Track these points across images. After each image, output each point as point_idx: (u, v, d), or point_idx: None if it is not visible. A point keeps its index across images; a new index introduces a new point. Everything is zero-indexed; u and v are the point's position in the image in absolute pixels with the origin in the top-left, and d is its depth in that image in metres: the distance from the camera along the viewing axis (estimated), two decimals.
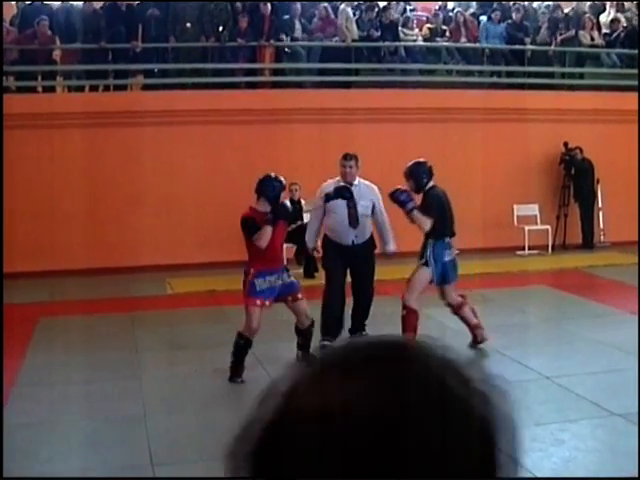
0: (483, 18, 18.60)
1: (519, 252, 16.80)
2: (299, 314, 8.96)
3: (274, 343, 10.02)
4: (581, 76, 18.79)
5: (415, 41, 17.80)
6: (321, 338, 10.01)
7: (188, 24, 16.33)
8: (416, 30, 17.91)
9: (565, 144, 17.23)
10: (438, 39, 18.11)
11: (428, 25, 18.39)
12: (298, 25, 17.04)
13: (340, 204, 9.85)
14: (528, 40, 18.15)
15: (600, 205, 17.69)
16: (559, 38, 18.35)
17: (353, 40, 16.98)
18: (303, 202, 14.50)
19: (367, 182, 10.31)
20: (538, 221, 17.22)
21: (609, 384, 8.25)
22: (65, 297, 13.31)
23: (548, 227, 17.16)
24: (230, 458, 1.15)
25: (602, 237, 17.76)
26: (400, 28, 17.65)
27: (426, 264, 9.33)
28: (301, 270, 13.67)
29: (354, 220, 9.95)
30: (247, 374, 8.84)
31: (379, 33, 17.34)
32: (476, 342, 9.66)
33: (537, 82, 17.90)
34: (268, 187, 8.71)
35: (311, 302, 9.37)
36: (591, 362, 9.10)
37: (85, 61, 16.39)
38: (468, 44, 18.09)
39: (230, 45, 16.50)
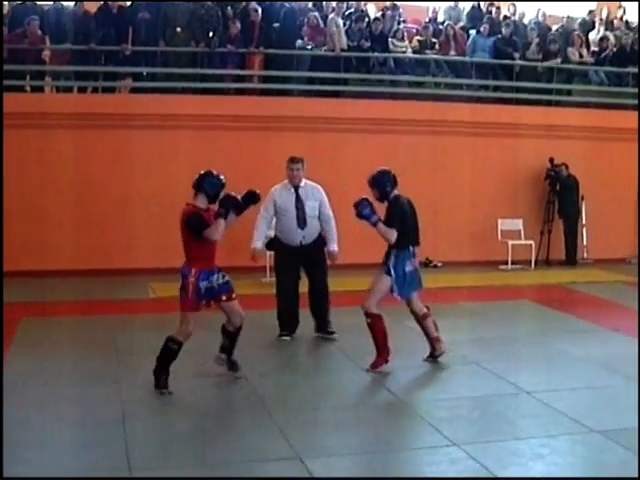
0: (473, 32, 18.66)
1: (502, 266, 16.83)
2: (232, 313, 8.67)
3: (256, 351, 10.03)
4: (569, 93, 18.85)
5: (405, 53, 17.81)
6: (279, 333, 10.59)
7: (178, 29, 16.31)
8: (406, 42, 17.92)
9: (551, 160, 17.29)
10: (427, 51, 18.14)
11: (418, 37, 18.41)
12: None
13: (289, 206, 10.46)
14: (517, 55, 18.20)
15: (584, 222, 17.75)
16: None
17: (342, 50, 17.00)
18: None
19: (313, 183, 10.77)
20: (522, 236, 17.26)
21: (589, 400, 8.27)
22: (48, 298, 13.25)
23: (532, 242, 17.20)
24: None
25: (585, 254, 17.82)
26: (390, 39, 17.67)
27: (388, 272, 9.29)
28: None
29: (302, 221, 10.49)
30: (227, 381, 8.82)
31: (369, 44, 17.36)
32: (434, 355, 9.64)
33: (525, 97, 17.94)
34: (209, 184, 8.60)
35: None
36: (572, 378, 9.10)
37: (74, 62, 16.34)
38: (457, 57, 18.13)
39: (220, 51, 16.49)
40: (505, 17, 19.34)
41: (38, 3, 16.81)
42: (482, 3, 19.92)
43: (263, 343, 10.54)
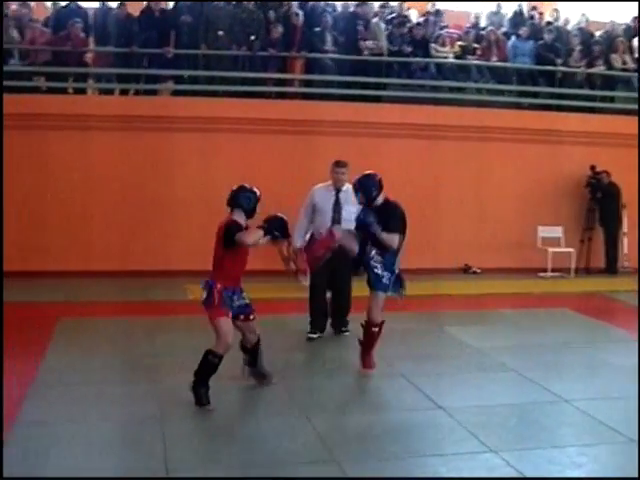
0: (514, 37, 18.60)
1: (541, 274, 16.73)
2: (248, 331, 8.58)
3: (293, 354, 10.05)
4: (611, 99, 18.70)
5: (446, 58, 17.77)
6: (309, 331, 10.82)
7: (220, 32, 16.36)
8: (447, 47, 17.88)
9: (592, 167, 17.17)
10: (469, 57, 18.07)
11: (459, 43, 18.34)
12: (329, 37, 17.00)
13: (327, 207, 10.73)
14: (559, 61, 18.10)
15: (625, 230, 17.60)
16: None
17: (383, 54, 16.99)
18: None
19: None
20: (562, 243, 17.15)
21: (628, 410, 8.17)
22: (86, 298, 13.33)
23: (572, 250, 17.08)
24: None
25: (626, 262, 17.67)
26: (431, 44, 17.64)
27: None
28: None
29: (336, 223, 10.59)
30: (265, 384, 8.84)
31: (410, 49, 17.33)
32: (363, 369, 9.38)
33: (567, 104, 17.83)
34: (244, 198, 8.48)
35: None
36: (611, 387, 9.03)
37: (117, 65, 16.45)
38: (499, 63, 18.04)
39: (261, 54, 16.53)
40: (548, 23, 19.23)
41: (82, 5, 16.94)
42: (525, 8, 19.81)
43: (297, 346, 10.56)
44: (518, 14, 19.63)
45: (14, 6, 16.61)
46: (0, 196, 13.92)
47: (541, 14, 19.64)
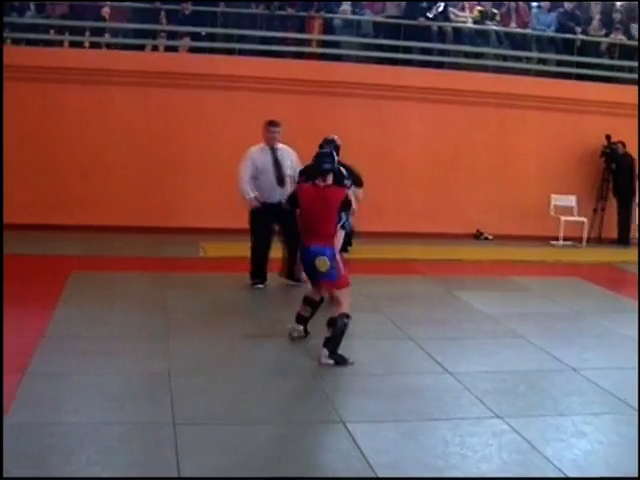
0: (534, 4, 18.45)
1: (553, 242, 16.72)
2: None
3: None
4: (630, 70, 18.56)
5: (465, 23, 17.67)
6: (253, 282, 11.40)
7: None
8: (467, 12, 17.77)
9: (607, 137, 17.09)
10: (488, 22, 17.95)
11: (479, 8, 18.21)
12: None
13: (268, 166, 11.32)
14: (579, 30, 17.98)
15: (638, 201, 17.55)
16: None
17: (402, 17, 16.91)
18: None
19: (286, 146, 11.52)
20: (575, 212, 17.12)
21: (636, 380, 8.18)
22: (99, 252, 13.38)
23: (584, 219, 17.05)
24: None
25: (638, 233, 17.62)
26: (451, 9, 17.53)
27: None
28: None
29: (280, 180, 11.32)
30: (274, 341, 8.90)
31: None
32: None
33: (586, 73, 17.72)
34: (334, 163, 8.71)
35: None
36: (619, 357, 9.05)
37: (134, 20, 16.40)
38: (518, 29, 17.93)
39: (279, 14, 16.46)
40: None
41: None
42: None
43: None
44: None
45: None
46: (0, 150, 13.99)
47: None
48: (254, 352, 8.65)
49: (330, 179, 8.52)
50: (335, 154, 8.92)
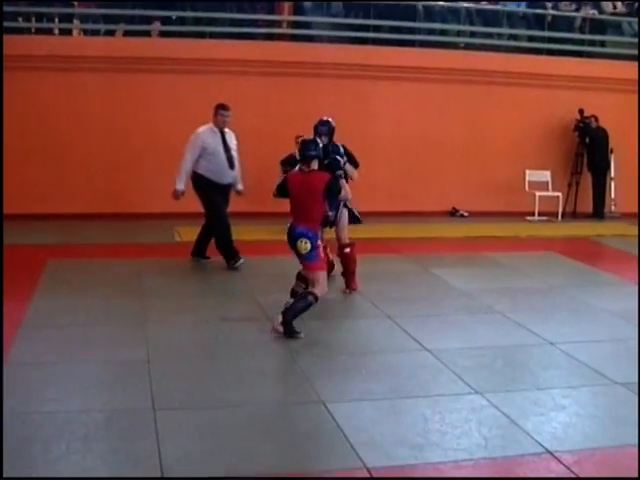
0: None
1: (529, 217, 16.79)
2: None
3: (281, 296, 10.09)
4: (602, 44, 18.62)
5: (436, 1, 17.64)
6: (235, 261, 11.50)
7: None
8: None
9: (580, 111, 17.14)
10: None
11: None
12: None
13: (218, 148, 11.38)
14: (549, 5, 18.00)
15: (613, 175, 17.63)
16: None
17: None
18: None
19: (229, 130, 11.64)
20: (550, 187, 17.18)
21: (612, 353, 8.27)
22: (74, 241, 13.32)
23: (559, 194, 17.12)
24: None
25: (613, 207, 17.72)
26: None
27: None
28: None
29: (230, 162, 11.48)
30: (252, 324, 8.90)
31: None
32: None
33: (557, 48, 17.75)
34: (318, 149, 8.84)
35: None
36: (595, 330, 9.10)
37: (103, 5, 16.29)
38: (488, 6, 17.94)
39: None
40: None
41: None
42: None
43: (283, 288, 10.62)
44: None
45: None
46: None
47: None
48: (232, 335, 8.64)
49: (315, 165, 8.64)
50: (330, 136, 9.81)
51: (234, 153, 11.54)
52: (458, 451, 5.84)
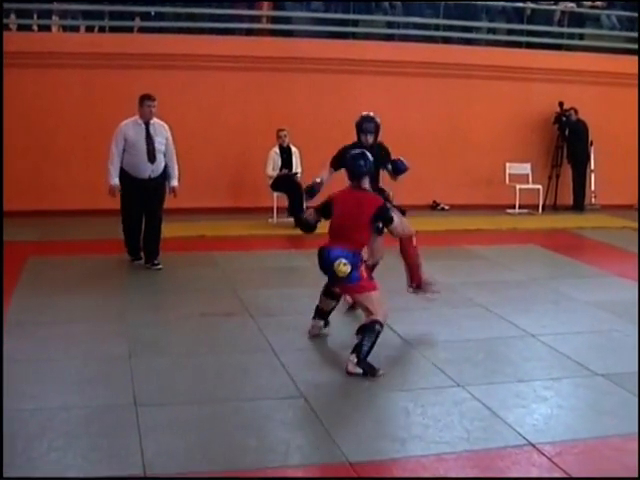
0: None
1: (509, 210, 16.82)
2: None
3: (262, 290, 10.10)
4: (581, 37, 18.67)
5: None
6: (132, 259, 11.42)
7: None
8: None
9: (560, 104, 17.18)
10: None
11: None
12: None
13: (140, 141, 11.00)
14: None
15: (593, 167, 17.69)
16: None
17: None
18: (293, 149, 14.50)
19: (160, 121, 11.24)
20: (530, 180, 17.22)
21: (594, 344, 8.31)
22: (55, 237, 13.28)
23: (539, 187, 17.17)
24: None
25: (593, 199, 17.78)
26: None
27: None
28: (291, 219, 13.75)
29: (152, 155, 11.02)
30: (233, 319, 8.90)
31: None
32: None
33: (536, 41, 17.79)
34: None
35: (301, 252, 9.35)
36: (577, 322, 9.14)
37: (81, 1, 16.21)
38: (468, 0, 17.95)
39: None
40: None
41: None
42: None
43: (270, 283, 10.62)
44: None
45: None
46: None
47: None
48: (214, 330, 8.63)
49: (367, 183, 7.89)
50: (376, 134, 9.35)
51: (160, 146, 11.09)
52: (440, 444, 5.85)
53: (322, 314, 8.44)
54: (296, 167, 14.52)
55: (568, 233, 15.08)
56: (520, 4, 18.04)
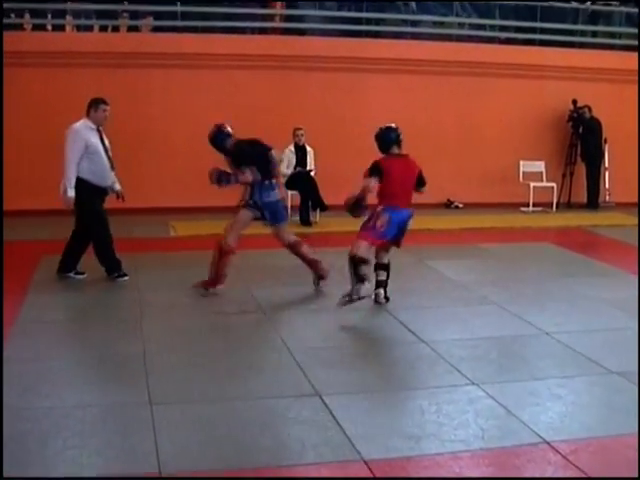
0: None
1: (523, 208, 16.80)
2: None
3: (276, 289, 10.10)
4: (594, 34, 18.63)
5: None
6: (119, 274, 10.52)
7: None
8: None
9: (574, 101, 17.15)
10: None
11: None
12: None
13: (99, 147, 10.34)
14: None
15: (607, 165, 17.64)
16: None
17: None
18: (308, 148, 14.50)
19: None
20: (544, 178, 17.19)
21: (608, 342, 8.26)
22: (68, 236, 13.27)
23: (554, 184, 17.13)
24: None
25: (607, 197, 17.75)
26: None
27: (247, 206, 9.83)
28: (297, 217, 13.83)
29: (111, 162, 10.49)
30: (247, 317, 8.90)
31: None
32: (322, 278, 10.08)
33: (549, 39, 17.76)
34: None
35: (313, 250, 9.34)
36: (591, 320, 9.11)
37: (95, 1, 16.25)
38: None
39: None
40: None
41: None
42: None
43: (284, 281, 10.60)
44: None
45: None
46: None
47: None
48: (228, 328, 8.65)
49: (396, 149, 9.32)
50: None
51: (110, 153, 10.46)
52: (455, 442, 5.84)
53: (380, 284, 9.44)
54: (310, 166, 14.54)
55: (582, 231, 15.05)
56: (532, 2, 17.98)
